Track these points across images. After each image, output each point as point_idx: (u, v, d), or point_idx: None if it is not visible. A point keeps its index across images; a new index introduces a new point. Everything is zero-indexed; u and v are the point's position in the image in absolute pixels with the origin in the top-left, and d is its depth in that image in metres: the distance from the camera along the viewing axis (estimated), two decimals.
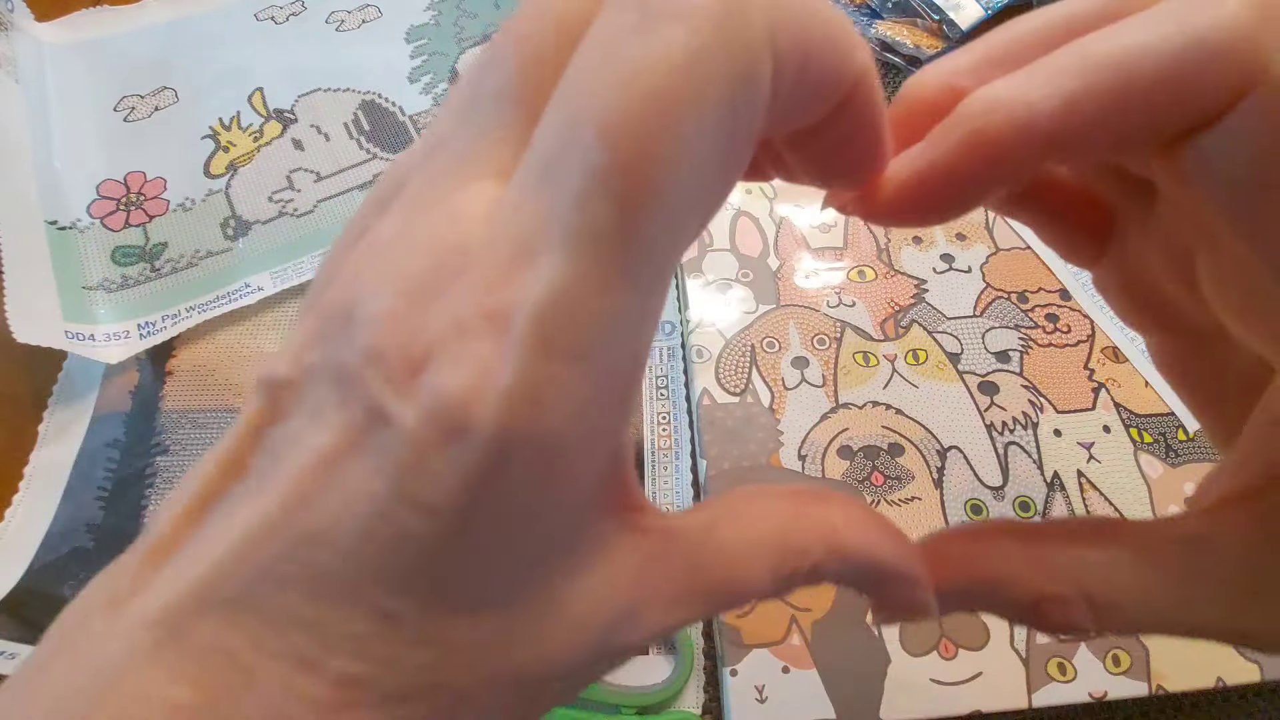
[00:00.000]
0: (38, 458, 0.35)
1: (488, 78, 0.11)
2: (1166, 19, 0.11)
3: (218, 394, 0.37)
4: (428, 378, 0.10)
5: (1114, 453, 0.33)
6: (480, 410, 0.10)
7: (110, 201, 0.43)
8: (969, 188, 0.13)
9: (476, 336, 0.10)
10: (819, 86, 0.11)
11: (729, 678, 0.28)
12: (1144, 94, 0.11)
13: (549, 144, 0.10)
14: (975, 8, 0.47)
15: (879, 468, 0.33)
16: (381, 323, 0.10)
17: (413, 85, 0.47)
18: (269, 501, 0.10)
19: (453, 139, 0.11)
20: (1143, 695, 0.28)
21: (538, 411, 0.10)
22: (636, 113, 0.09)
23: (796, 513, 0.14)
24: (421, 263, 0.10)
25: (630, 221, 0.10)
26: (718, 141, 0.10)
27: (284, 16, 0.51)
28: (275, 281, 0.40)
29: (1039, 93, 0.12)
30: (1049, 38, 0.13)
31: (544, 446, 0.10)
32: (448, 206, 0.11)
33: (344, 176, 0.44)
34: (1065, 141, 0.12)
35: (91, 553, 0.33)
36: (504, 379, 0.10)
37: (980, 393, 0.35)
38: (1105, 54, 0.11)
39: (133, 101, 0.47)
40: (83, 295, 0.39)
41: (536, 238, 0.10)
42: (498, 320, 0.10)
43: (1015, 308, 0.37)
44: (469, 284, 0.10)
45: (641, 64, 0.09)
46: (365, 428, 0.10)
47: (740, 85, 0.10)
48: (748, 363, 0.36)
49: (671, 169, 0.10)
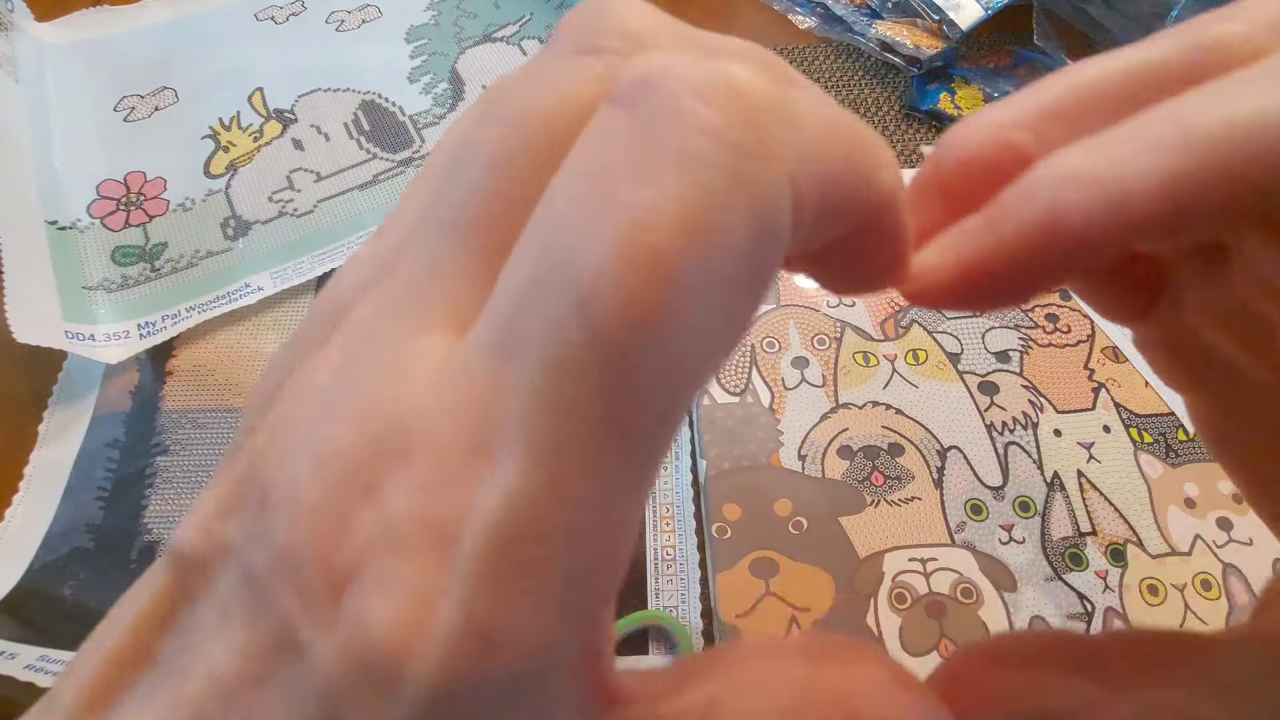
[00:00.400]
0: (38, 458, 0.35)
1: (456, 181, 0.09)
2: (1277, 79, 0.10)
3: (218, 394, 0.37)
4: (351, 601, 0.08)
5: (1114, 453, 0.33)
6: (413, 653, 0.08)
7: (110, 201, 0.43)
8: (1038, 278, 0.10)
9: (413, 551, 0.08)
10: (842, 215, 0.10)
11: None
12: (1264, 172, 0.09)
13: (515, 298, 0.08)
14: (975, 8, 0.47)
15: (879, 468, 0.33)
16: (298, 519, 0.08)
17: (413, 85, 0.47)
18: (180, 715, 0.09)
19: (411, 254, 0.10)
20: None
21: (489, 652, 0.08)
22: (631, 280, 0.07)
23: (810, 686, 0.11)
24: (352, 439, 0.08)
25: (616, 413, 0.08)
26: (728, 301, 0.08)
27: (284, 16, 0.51)
28: (275, 281, 0.40)
29: (1133, 169, 0.10)
30: (1127, 93, 0.11)
31: (497, 691, 0.08)
32: (392, 362, 0.09)
33: (344, 176, 0.44)
34: (1162, 227, 0.10)
35: (91, 553, 0.33)
36: (446, 613, 0.08)
37: (980, 393, 0.35)
38: (1216, 124, 0.09)
39: (133, 101, 0.47)
40: (83, 295, 0.39)
41: (494, 426, 0.08)
42: (441, 532, 0.08)
43: (1015, 308, 0.37)
44: (407, 478, 0.08)
45: (638, 216, 0.08)
46: (273, 654, 0.08)
47: (757, 234, 0.08)
48: (747, 363, 0.36)
49: (671, 344, 0.08)
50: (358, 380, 0.09)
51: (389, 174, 0.44)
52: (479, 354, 0.08)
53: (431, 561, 0.08)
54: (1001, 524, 0.31)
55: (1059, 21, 0.49)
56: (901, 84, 0.48)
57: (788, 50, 0.50)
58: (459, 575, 0.08)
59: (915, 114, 0.47)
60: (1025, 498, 0.32)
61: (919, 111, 0.46)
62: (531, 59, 0.10)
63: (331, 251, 0.41)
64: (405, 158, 0.44)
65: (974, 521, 0.32)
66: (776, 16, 0.52)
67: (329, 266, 0.40)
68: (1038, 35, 0.48)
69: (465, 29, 0.50)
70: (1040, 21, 0.48)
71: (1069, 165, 0.10)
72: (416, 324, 0.09)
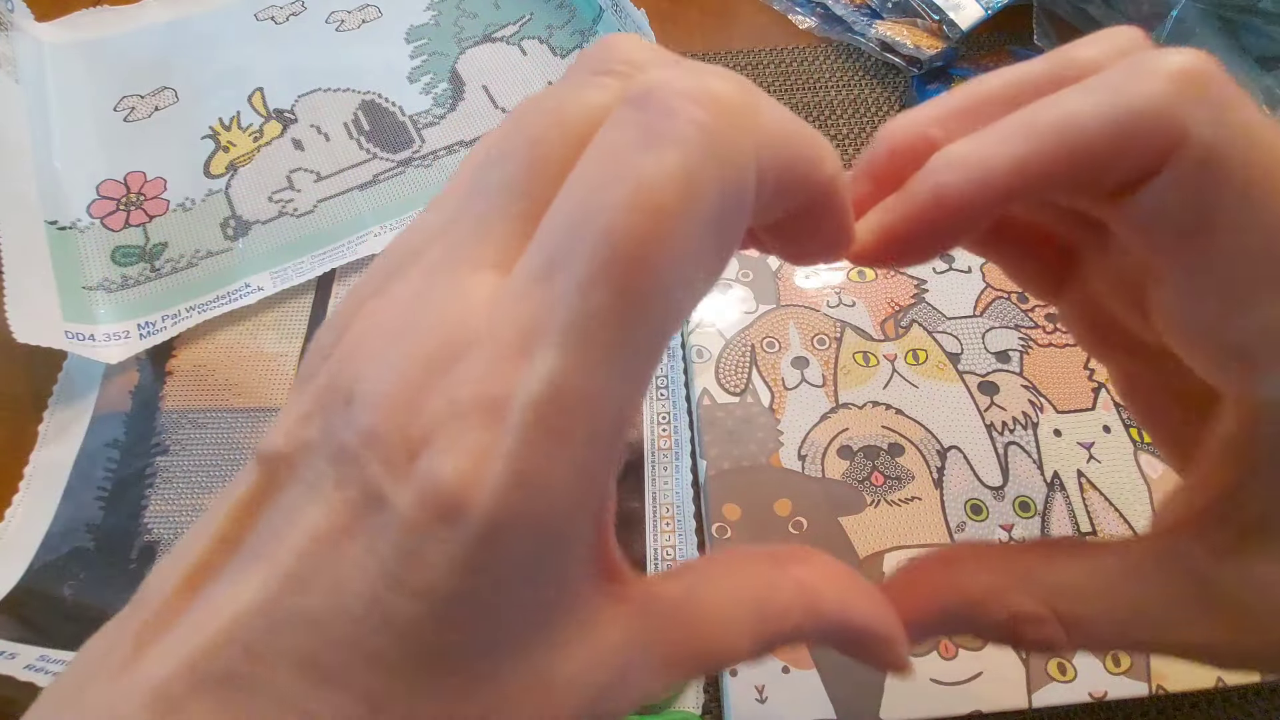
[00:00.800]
0: (38, 458, 0.35)
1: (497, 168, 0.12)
2: (1103, 89, 0.13)
3: (217, 394, 0.37)
4: (424, 461, 0.10)
5: (1114, 453, 0.33)
6: (473, 496, 0.10)
7: (110, 201, 0.43)
8: (937, 236, 0.14)
9: (473, 423, 0.10)
10: (794, 192, 0.13)
11: (729, 678, 0.28)
12: (1083, 155, 0.13)
13: (555, 241, 0.11)
14: (975, 8, 0.47)
15: (879, 468, 0.33)
16: (381, 405, 0.11)
17: (413, 85, 0.47)
18: (263, 580, 0.11)
19: (461, 221, 0.12)
20: (1143, 695, 0.28)
21: (528, 497, 0.10)
22: (639, 220, 0.10)
23: (774, 576, 0.15)
24: (423, 347, 0.11)
25: (628, 317, 0.10)
26: (707, 243, 0.11)
27: (284, 16, 0.51)
28: (275, 281, 0.40)
29: (992, 153, 0.13)
30: (1007, 97, 0.14)
31: (533, 530, 0.11)
32: (453, 291, 0.11)
33: (344, 176, 0.44)
34: (1016, 196, 0.13)
35: (91, 553, 0.33)
36: (497, 465, 0.10)
37: (980, 393, 0.35)
38: (1049, 121, 0.13)
39: (133, 101, 0.47)
40: (83, 295, 0.39)
41: (537, 329, 0.10)
42: (495, 408, 0.10)
43: (1015, 308, 0.37)
44: (468, 371, 0.11)
45: (645, 177, 0.10)
46: (361, 509, 0.11)
47: (729, 197, 0.11)
48: (748, 363, 0.36)
49: (667, 269, 0.11)
50: (425, 305, 0.11)
51: (389, 174, 0.44)
52: (525, 280, 0.11)
53: (487, 429, 0.10)
54: (1001, 524, 0.31)
55: (1059, 21, 0.49)
56: (901, 84, 0.48)
57: (788, 50, 0.50)
58: (507, 439, 0.10)
59: None
60: (1025, 498, 0.32)
61: None
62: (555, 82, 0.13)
63: (331, 251, 0.41)
64: (405, 158, 0.44)
65: (974, 522, 0.32)
66: (776, 16, 0.52)
67: (329, 266, 0.40)
68: (1038, 35, 0.48)
69: (465, 29, 0.50)
70: (1040, 21, 0.48)
71: (952, 153, 0.14)
72: (472, 266, 0.12)
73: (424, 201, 0.43)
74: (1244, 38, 0.47)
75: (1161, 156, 0.12)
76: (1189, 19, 0.46)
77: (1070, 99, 0.13)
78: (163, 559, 0.12)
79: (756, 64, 0.49)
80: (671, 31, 0.50)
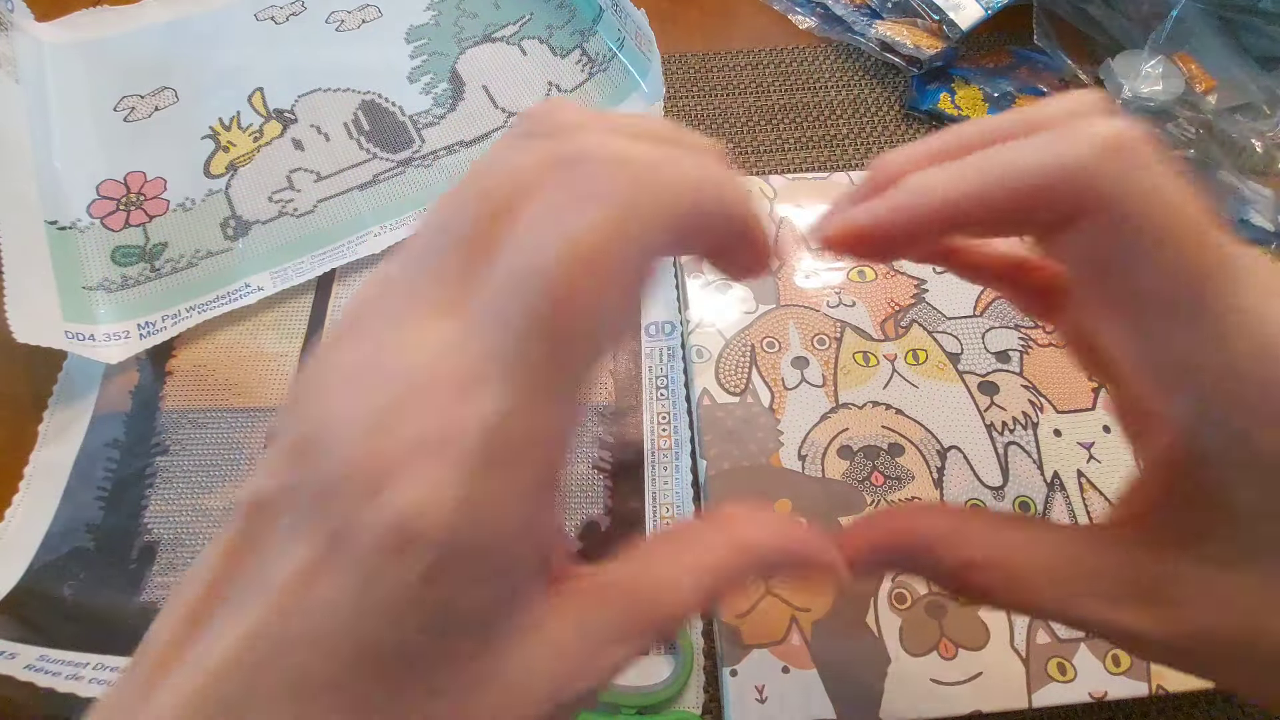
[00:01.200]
0: (38, 458, 0.35)
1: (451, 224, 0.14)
2: (1042, 145, 0.15)
3: (217, 394, 0.37)
4: (384, 497, 0.12)
5: (1114, 453, 0.33)
6: (428, 523, 0.12)
7: (110, 201, 0.43)
8: (896, 240, 0.17)
9: (427, 460, 0.12)
10: (712, 230, 0.15)
11: (729, 678, 0.28)
12: (1020, 196, 0.15)
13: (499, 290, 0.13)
14: (975, 8, 0.47)
15: (879, 468, 0.33)
16: (346, 452, 0.12)
17: (413, 85, 0.47)
18: (255, 614, 0.12)
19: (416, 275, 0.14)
20: (1143, 695, 0.28)
21: (478, 521, 0.12)
22: (569, 272, 0.12)
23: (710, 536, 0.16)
24: (383, 395, 0.12)
25: (562, 354, 0.12)
26: (628, 284, 0.13)
27: (284, 16, 0.51)
28: (275, 281, 0.40)
29: (947, 182, 0.16)
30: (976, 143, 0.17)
31: (483, 550, 0.12)
32: (409, 341, 0.13)
33: (344, 176, 0.44)
34: (961, 222, 0.16)
35: (91, 553, 0.33)
36: (448, 494, 0.12)
37: (980, 393, 0.35)
38: (995, 164, 0.16)
39: (133, 101, 0.47)
40: (83, 295, 0.39)
41: (482, 370, 0.12)
42: (445, 445, 0.12)
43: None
44: (422, 414, 0.12)
45: (571, 234, 0.12)
46: (333, 544, 0.12)
47: (646, 246, 0.13)
48: (748, 363, 0.36)
49: (595, 310, 0.12)
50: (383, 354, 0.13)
51: (389, 174, 0.44)
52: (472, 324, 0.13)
53: (440, 465, 0.12)
54: None
55: (1059, 21, 0.49)
56: (901, 84, 0.48)
57: (788, 50, 0.50)
58: (457, 471, 0.12)
59: (915, 114, 0.47)
60: (1025, 498, 0.32)
61: (919, 111, 0.46)
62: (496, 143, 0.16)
63: (331, 251, 0.41)
64: (405, 158, 0.44)
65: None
66: (776, 16, 0.52)
67: (329, 266, 0.40)
68: (1038, 35, 0.48)
69: (465, 29, 0.50)
70: (1040, 21, 0.48)
71: (919, 177, 0.16)
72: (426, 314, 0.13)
73: (424, 201, 0.43)
74: (1244, 38, 0.47)
75: (1079, 205, 0.15)
76: (1189, 19, 0.46)
77: (1016, 149, 0.16)
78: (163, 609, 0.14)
79: (756, 64, 0.49)
80: (671, 31, 0.50)
